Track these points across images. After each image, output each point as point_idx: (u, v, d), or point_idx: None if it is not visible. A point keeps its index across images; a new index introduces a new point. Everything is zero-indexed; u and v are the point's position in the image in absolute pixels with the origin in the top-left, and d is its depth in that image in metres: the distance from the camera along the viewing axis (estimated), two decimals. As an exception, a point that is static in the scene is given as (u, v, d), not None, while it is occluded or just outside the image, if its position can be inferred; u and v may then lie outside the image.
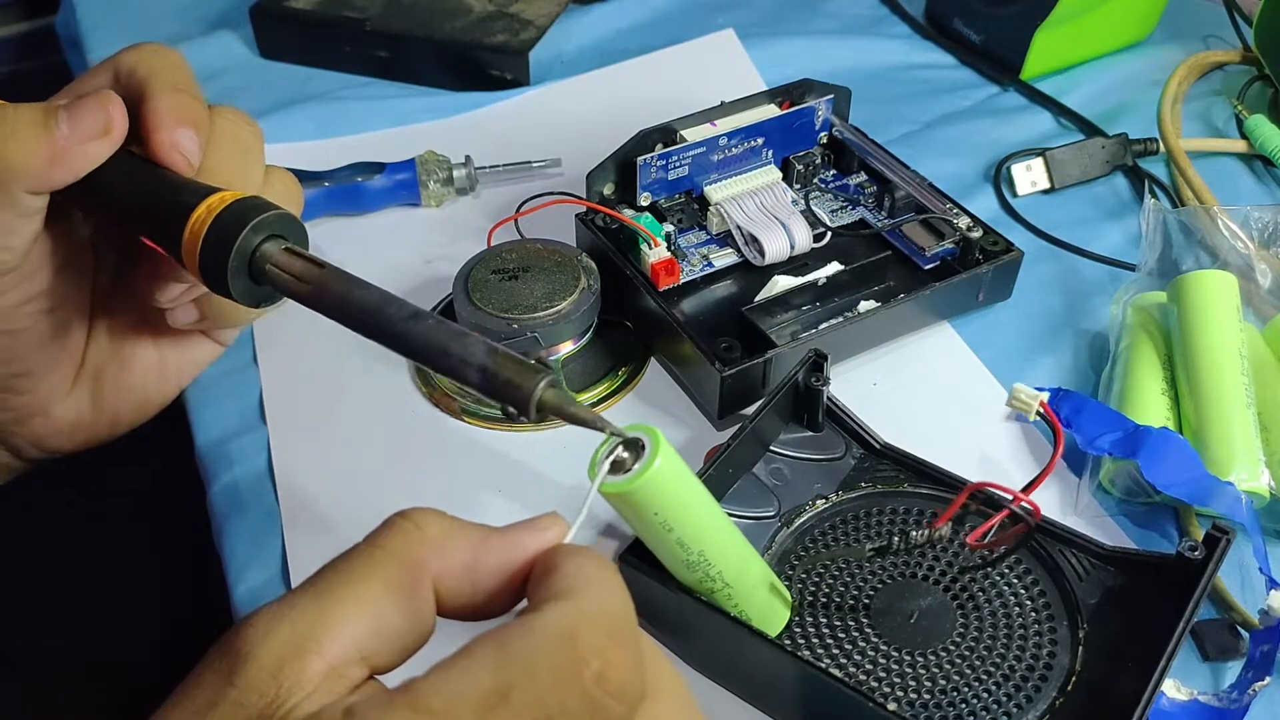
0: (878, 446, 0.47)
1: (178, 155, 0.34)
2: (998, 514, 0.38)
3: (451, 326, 0.30)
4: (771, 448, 0.47)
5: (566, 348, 0.50)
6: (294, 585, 0.43)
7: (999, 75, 0.72)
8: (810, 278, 0.52)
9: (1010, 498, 0.39)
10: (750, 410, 0.47)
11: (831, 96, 0.57)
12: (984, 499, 0.42)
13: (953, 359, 0.53)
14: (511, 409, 0.28)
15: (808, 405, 0.47)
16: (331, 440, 0.49)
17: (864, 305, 0.51)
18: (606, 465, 0.31)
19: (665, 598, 0.38)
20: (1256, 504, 0.43)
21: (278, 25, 0.73)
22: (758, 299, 0.51)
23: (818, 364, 0.46)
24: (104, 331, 0.41)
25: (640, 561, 0.38)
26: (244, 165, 0.36)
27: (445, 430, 0.50)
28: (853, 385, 0.51)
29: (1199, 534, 0.44)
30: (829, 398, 0.47)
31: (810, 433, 0.47)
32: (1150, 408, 0.47)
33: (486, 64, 0.70)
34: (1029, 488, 0.39)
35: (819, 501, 0.45)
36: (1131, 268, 0.57)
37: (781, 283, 0.52)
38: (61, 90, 0.36)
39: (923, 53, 0.75)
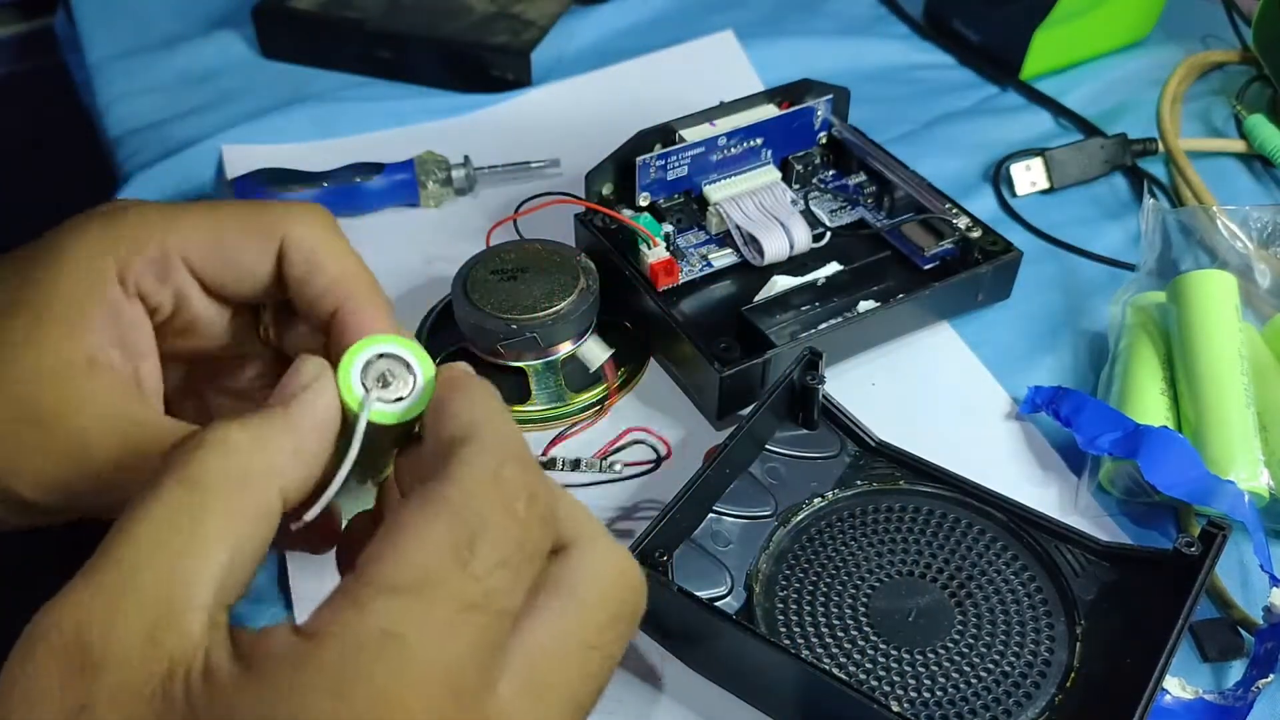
0: (873, 444, 0.47)
1: None
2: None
3: None
4: (767, 447, 0.47)
5: (566, 348, 0.50)
6: (292, 585, 0.43)
7: (998, 75, 0.72)
8: (809, 278, 0.52)
9: None
10: (747, 410, 0.47)
11: (830, 96, 0.57)
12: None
13: (952, 359, 0.53)
14: None
15: (803, 404, 0.47)
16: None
17: (863, 305, 0.51)
18: (373, 395, 0.28)
19: (665, 600, 0.38)
20: (1256, 504, 0.43)
21: (280, 25, 0.73)
22: (757, 299, 0.51)
23: (813, 362, 0.46)
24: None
25: (643, 565, 0.38)
26: None
27: (444, 430, 0.50)
28: (852, 385, 0.51)
29: (1197, 533, 0.44)
30: (824, 396, 0.47)
31: (806, 431, 0.47)
32: (1150, 408, 0.47)
33: (488, 64, 0.70)
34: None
35: (815, 500, 0.45)
36: (1131, 268, 0.57)
37: (780, 283, 0.52)
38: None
39: (922, 53, 0.75)
